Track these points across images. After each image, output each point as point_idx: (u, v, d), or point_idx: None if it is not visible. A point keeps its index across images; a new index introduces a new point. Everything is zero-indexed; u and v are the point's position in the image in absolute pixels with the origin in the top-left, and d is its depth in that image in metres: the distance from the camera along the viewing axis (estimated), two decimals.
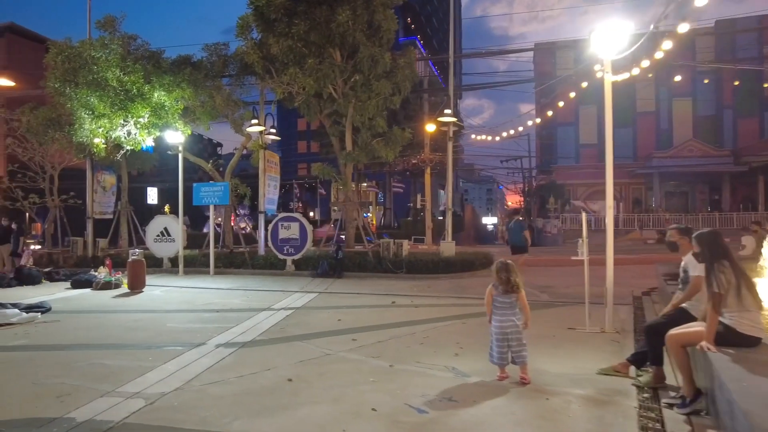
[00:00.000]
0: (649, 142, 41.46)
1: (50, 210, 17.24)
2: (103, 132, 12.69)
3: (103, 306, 9.55)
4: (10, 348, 6.37)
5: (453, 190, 59.39)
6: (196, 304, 9.71)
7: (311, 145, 61.01)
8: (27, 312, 8.43)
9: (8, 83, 18.90)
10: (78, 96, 12.04)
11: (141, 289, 11.58)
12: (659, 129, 42.46)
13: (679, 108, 42.11)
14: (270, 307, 9.10)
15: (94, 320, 8.11)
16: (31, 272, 13.09)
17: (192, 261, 15.49)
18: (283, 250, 14.34)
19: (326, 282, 12.52)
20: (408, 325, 7.46)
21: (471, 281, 12.43)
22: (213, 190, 14.72)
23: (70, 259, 16.58)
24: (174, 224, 15.41)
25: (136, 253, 11.92)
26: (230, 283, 12.62)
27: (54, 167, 17.03)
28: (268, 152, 15.67)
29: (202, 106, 14.09)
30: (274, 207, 16.38)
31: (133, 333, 7.18)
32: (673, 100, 42.02)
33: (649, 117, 42.42)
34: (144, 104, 12.43)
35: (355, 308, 9.03)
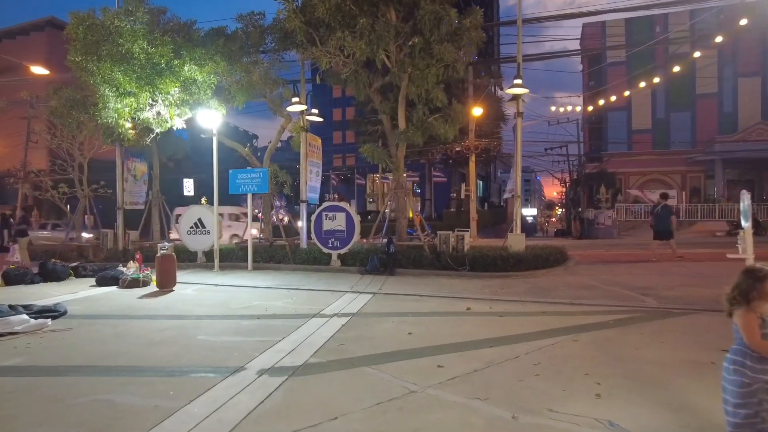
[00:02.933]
0: (710, 127, 38.13)
1: (80, 200, 16.22)
2: (130, 112, 11.37)
3: (126, 309, 8.20)
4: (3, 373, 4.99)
5: (491, 180, 56.56)
6: (233, 307, 8.24)
7: (347, 135, 59.74)
8: (37, 317, 7.14)
9: (43, 71, 18.05)
10: (101, 71, 10.73)
11: (171, 287, 10.25)
12: (722, 111, 39.00)
13: (745, 88, 38.51)
14: (320, 313, 7.53)
15: (112, 329, 6.71)
16: (56, 268, 11.97)
17: (228, 255, 14.17)
18: (328, 243, 12.80)
19: (378, 280, 10.90)
20: (502, 343, 5.73)
21: (549, 281, 10.57)
22: (251, 177, 13.29)
23: (101, 252, 15.55)
24: (209, 215, 14.12)
25: (166, 247, 10.59)
26: (271, 281, 11.17)
27: (83, 155, 15.98)
28: (310, 135, 14.14)
29: (237, 84, 12.61)
30: (317, 196, 14.86)
31: (156, 348, 5.71)
32: (738, 80, 38.50)
33: (710, 99, 38.99)
34: (173, 79, 11.02)
35: (423, 316, 7.35)
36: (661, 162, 38.02)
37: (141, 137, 13.31)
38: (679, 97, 38.97)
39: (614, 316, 7.13)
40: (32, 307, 7.77)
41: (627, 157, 38.79)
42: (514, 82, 11.82)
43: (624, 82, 35.10)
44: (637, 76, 32.66)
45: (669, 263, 13.21)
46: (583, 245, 18.93)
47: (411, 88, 11.41)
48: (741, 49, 36.38)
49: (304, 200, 14.01)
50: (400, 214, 12.69)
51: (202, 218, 14.32)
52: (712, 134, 36.52)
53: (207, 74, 11.27)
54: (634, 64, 37.68)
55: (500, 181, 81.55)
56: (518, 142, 12.34)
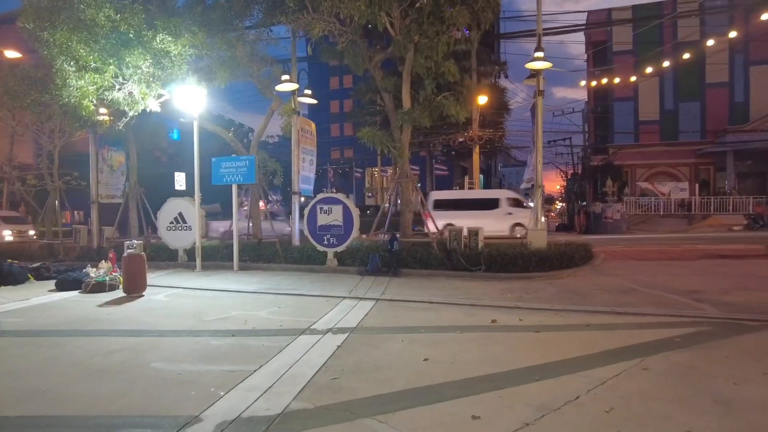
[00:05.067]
0: (720, 117, 36.73)
1: (50, 194, 14.71)
2: (95, 91, 9.87)
3: (77, 321, 6.75)
4: None
5: (492, 174, 55.14)
6: (206, 319, 6.81)
7: (344, 127, 58.21)
8: None
9: (15, 54, 16.49)
10: (56, 40, 9.21)
11: (140, 292, 8.82)
12: (733, 101, 37.59)
13: (758, 76, 37.06)
14: (311, 328, 6.09)
15: (46, 351, 5.26)
16: (11, 269, 10.50)
17: (213, 253, 12.74)
18: (323, 240, 11.35)
19: (380, 283, 9.47)
20: (551, 374, 4.31)
21: (579, 283, 9.15)
22: (236, 166, 11.82)
23: (73, 251, 14.09)
24: (190, 209, 12.65)
25: (134, 245, 9.12)
26: (257, 284, 9.73)
27: (53, 143, 14.46)
28: (303, 119, 12.67)
29: (219, 60, 11.12)
30: (311, 187, 13.40)
31: (90, 382, 4.28)
32: (750, 68, 37.07)
33: (721, 88, 37.54)
34: (143, 51, 9.51)
35: (439, 332, 5.92)
36: (669, 154, 36.69)
37: (112, 122, 11.80)
38: (687, 87, 37.55)
39: (677, 331, 5.72)
40: None
41: (634, 149, 37.46)
42: (535, 56, 10.35)
43: (630, 71, 33.62)
44: (645, 64, 31.20)
45: (707, 261, 11.85)
46: (598, 241, 17.52)
47: (419, 60, 9.91)
48: (753, 35, 34.92)
49: (296, 192, 12.54)
50: (404, 206, 11.22)
51: (183, 212, 12.87)
52: (723, 125, 35.23)
53: (182, 46, 9.76)
54: (641, 52, 36.23)
55: (501, 175, 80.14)
56: (539, 125, 10.88)
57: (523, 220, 18.51)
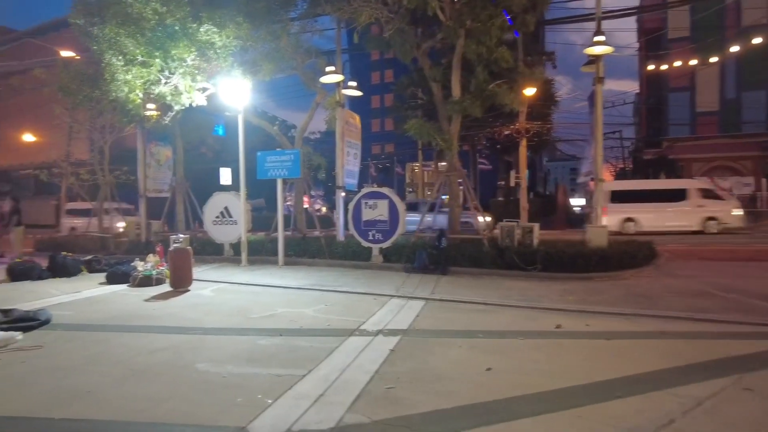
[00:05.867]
0: None
1: (101, 188, 15.05)
2: (142, 85, 9.88)
3: (123, 316, 6.67)
4: None
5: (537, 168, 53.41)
6: (253, 316, 6.59)
7: (385, 122, 57.90)
8: (9, 328, 5.69)
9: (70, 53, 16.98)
10: (105, 35, 9.25)
11: (186, 287, 8.74)
12: None
13: None
14: (360, 328, 5.76)
15: (91, 348, 5.14)
16: (66, 261, 10.70)
17: (258, 248, 12.62)
18: (368, 235, 11.03)
19: (429, 281, 9.05)
20: (634, 390, 3.80)
21: (645, 284, 8.44)
22: (281, 160, 11.64)
23: (123, 244, 14.34)
24: (236, 203, 12.60)
25: (180, 239, 9.07)
26: (302, 279, 9.51)
27: (104, 139, 14.77)
28: (347, 112, 12.37)
29: (263, 52, 10.94)
30: (355, 181, 13.10)
31: (133, 384, 4.08)
32: None
33: None
34: (188, 43, 9.42)
35: (499, 337, 5.45)
36: (730, 147, 34.43)
37: (160, 117, 11.86)
38: (752, 75, 35.06)
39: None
40: (12, 313, 6.36)
41: (690, 142, 35.35)
42: (595, 40, 9.62)
43: (687, 59, 31.65)
44: (704, 52, 29.31)
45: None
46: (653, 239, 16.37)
47: (470, 46, 9.37)
48: None
49: (341, 186, 12.26)
50: (453, 201, 10.74)
51: (229, 207, 12.83)
52: None
53: (227, 38, 9.62)
54: (699, 38, 34.09)
55: (546, 169, 77.74)
56: (599, 114, 10.14)
57: (718, 213, 17.16)
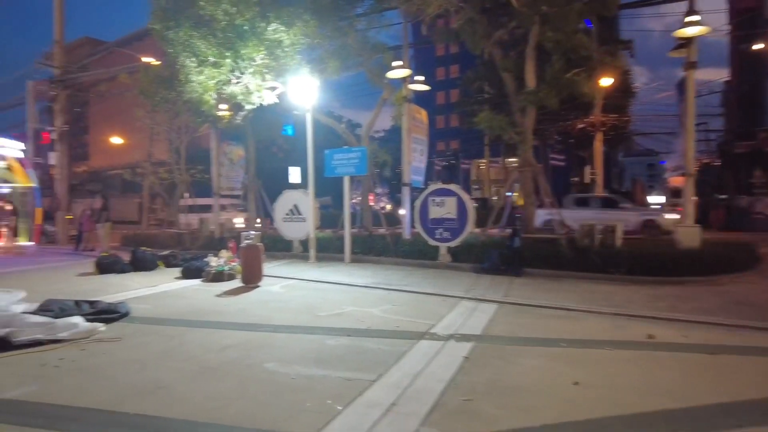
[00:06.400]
0: None
1: (178, 186, 15.77)
2: (214, 85, 10.16)
3: (196, 311, 6.81)
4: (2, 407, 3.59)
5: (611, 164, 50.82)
6: (321, 314, 6.50)
7: (450, 118, 57.12)
8: (93, 319, 5.94)
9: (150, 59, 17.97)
10: (179, 38, 9.58)
11: (256, 283, 8.86)
12: None
13: None
14: (430, 332, 5.49)
15: (165, 342, 5.23)
16: (145, 256, 11.25)
17: (326, 245, 12.69)
18: (435, 234, 10.72)
19: (500, 283, 8.61)
20: (756, 419, 3.27)
21: (745, 291, 7.55)
22: (347, 158, 11.61)
23: (198, 240, 14.94)
24: (305, 200, 12.74)
25: (251, 236, 9.21)
26: (368, 277, 9.38)
27: (180, 139, 15.46)
28: (414, 107, 12.11)
29: (330, 50, 10.92)
30: (422, 178, 12.83)
31: (202, 382, 4.05)
32: None
33: None
34: (257, 43, 9.56)
35: (584, 346, 4.99)
36: None
37: (232, 116, 12.19)
38: None
39: None
40: (97, 305, 6.68)
41: None
42: (686, 20, 8.73)
43: None
44: None
45: None
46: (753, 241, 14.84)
47: (546, 34, 8.83)
48: None
49: (407, 183, 12.04)
50: (527, 199, 10.20)
51: (298, 204, 13.00)
52: None
53: (294, 36, 9.67)
54: None
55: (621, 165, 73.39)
56: (690, 103, 9.21)
57: None
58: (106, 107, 38.33)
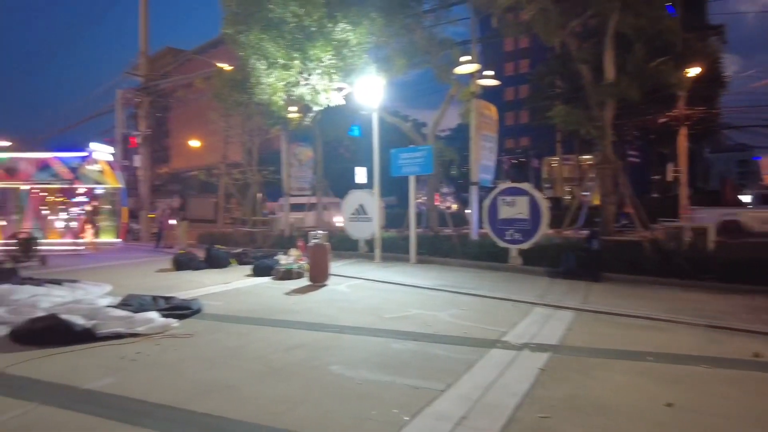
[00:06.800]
0: None
1: (250, 186, 16.32)
2: (284, 87, 10.35)
3: (265, 309, 6.90)
4: (76, 394, 3.74)
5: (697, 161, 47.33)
6: (386, 316, 6.37)
7: (519, 115, 55.43)
8: (168, 315, 6.16)
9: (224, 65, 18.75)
10: (250, 41, 9.84)
11: (323, 282, 8.91)
12: None
13: None
14: (502, 340, 5.19)
15: (235, 340, 5.31)
16: (218, 254, 11.69)
17: (391, 245, 12.60)
18: (505, 235, 10.30)
19: (577, 288, 8.09)
20: None
21: None
22: (413, 157, 11.45)
23: (269, 238, 15.37)
24: (370, 200, 12.73)
25: (318, 235, 9.27)
26: (435, 279, 9.16)
27: (252, 141, 15.99)
28: (483, 103, 11.72)
29: (396, 48, 10.79)
30: (490, 177, 12.41)
31: (269, 383, 4.03)
32: None
33: None
34: (324, 43, 9.62)
35: (675, 362, 4.50)
36: None
37: (301, 118, 12.41)
38: None
39: None
40: (172, 301, 6.97)
41: None
42: None
43: None
44: None
45: None
46: None
47: (627, 20, 8.18)
48: None
49: (475, 182, 11.67)
50: (604, 198, 9.55)
51: (364, 204, 13.01)
52: None
53: (361, 35, 9.63)
54: None
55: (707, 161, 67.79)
56: None
57: None
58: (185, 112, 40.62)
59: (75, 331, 5.24)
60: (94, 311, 6.00)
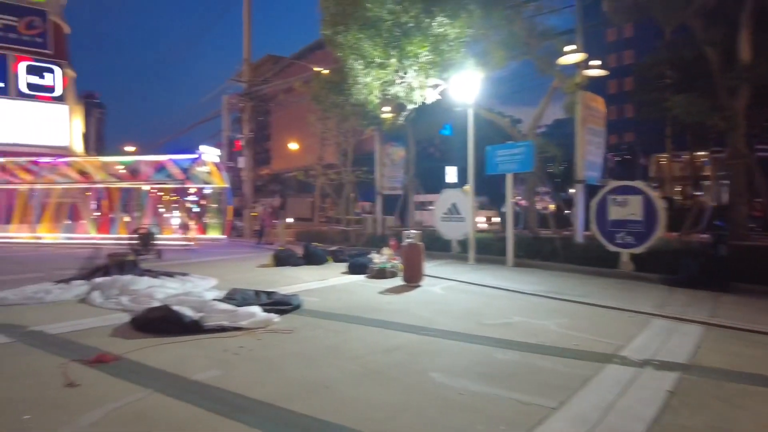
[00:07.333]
0: None
1: (345, 186, 16.64)
2: (380, 86, 10.33)
3: (361, 308, 6.86)
4: (186, 384, 3.86)
5: None
6: (486, 322, 6.04)
7: (624, 109, 51.58)
8: (269, 310, 6.31)
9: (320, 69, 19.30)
10: (348, 42, 9.93)
11: (417, 282, 8.74)
12: None
13: None
14: (618, 354, 4.67)
15: (333, 338, 5.28)
16: (316, 251, 12.01)
17: (486, 246, 12.17)
18: (615, 238, 9.46)
19: (701, 299, 7.18)
20: None
21: None
22: (511, 154, 10.93)
23: (362, 237, 15.55)
24: (464, 199, 12.39)
25: (412, 235, 9.12)
26: (535, 284, 8.62)
27: (347, 141, 16.29)
28: (589, 95, 10.88)
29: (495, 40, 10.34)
30: (597, 174, 11.52)
31: (368, 386, 3.90)
32: None
33: None
34: (422, 39, 9.44)
35: None
36: None
37: (394, 117, 12.36)
38: None
39: None
40: (273, 296, 7.16)
41: None
42: None
43: None
44: None
45: None
46: None
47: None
48: None
49: (580, 180, 10.87)
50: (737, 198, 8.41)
51: (457, 203, 12.69)
52: None
53: (459, 28, 9.32)
54: None
55: None
56: None
57: None
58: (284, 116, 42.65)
59: (184, 323, 5.52)
60: (201, 304, 6.30)
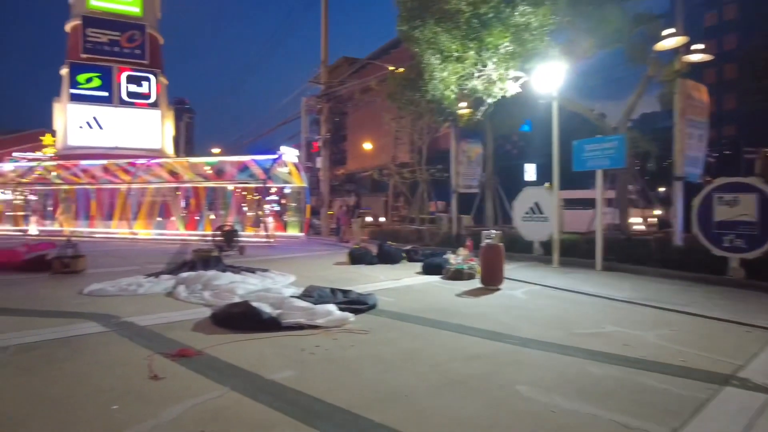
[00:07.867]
0: None
1: (419, 185, 16.40)
2: (457, 80, 9.98)
3: (438, 310, 6.59)
4: (261, 383, 3.80)
5: None
6: (575, 331, 5.55)
7: (724, 100, 47.04)
8: (344, 309, 6.22)
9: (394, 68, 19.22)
10: (424, 36, 9.66)
11: (497, 285, 8.31)
12: None
13: None
14: (737, 375, 4.05)
15: (409, 342, 5.06)
16: (390, 250, 11.91)
17: (571, 248, 11.44)
18: (722, 241, 8.46)
19: None
20: None
21: None
22: (602, 148, 10.15)
23: (436, 236, 15.24)
24: (547, 198, 11.73)
25: (492, 235, 8.69)
26: (629, 291, 7.90)
27: (422, 139, 16.05)
28: (691, 83, 9.85)
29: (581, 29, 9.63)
30: (699, 170, 10.42)
31: (447, 397, 3.64)
32: None
33: None
34: (502, 29, 8.98)
35: None
36: None
37: (472, 113, 11.94)
38: None
39: None
40: (349, 294, 7.10)
41: None
42: None
43: None
44: None
45: None
46: None
47: None
48: None
49: (680, 176, 9.87)
50: None
51: (539, 202, 12.05)
52: None
53: (543, 16, 8.76)
54: None
55: None
56: None
57: None
58: (359, 117, 43.18)
59: (263, 319, 5.54)
60: (279, 301, 6.33)
